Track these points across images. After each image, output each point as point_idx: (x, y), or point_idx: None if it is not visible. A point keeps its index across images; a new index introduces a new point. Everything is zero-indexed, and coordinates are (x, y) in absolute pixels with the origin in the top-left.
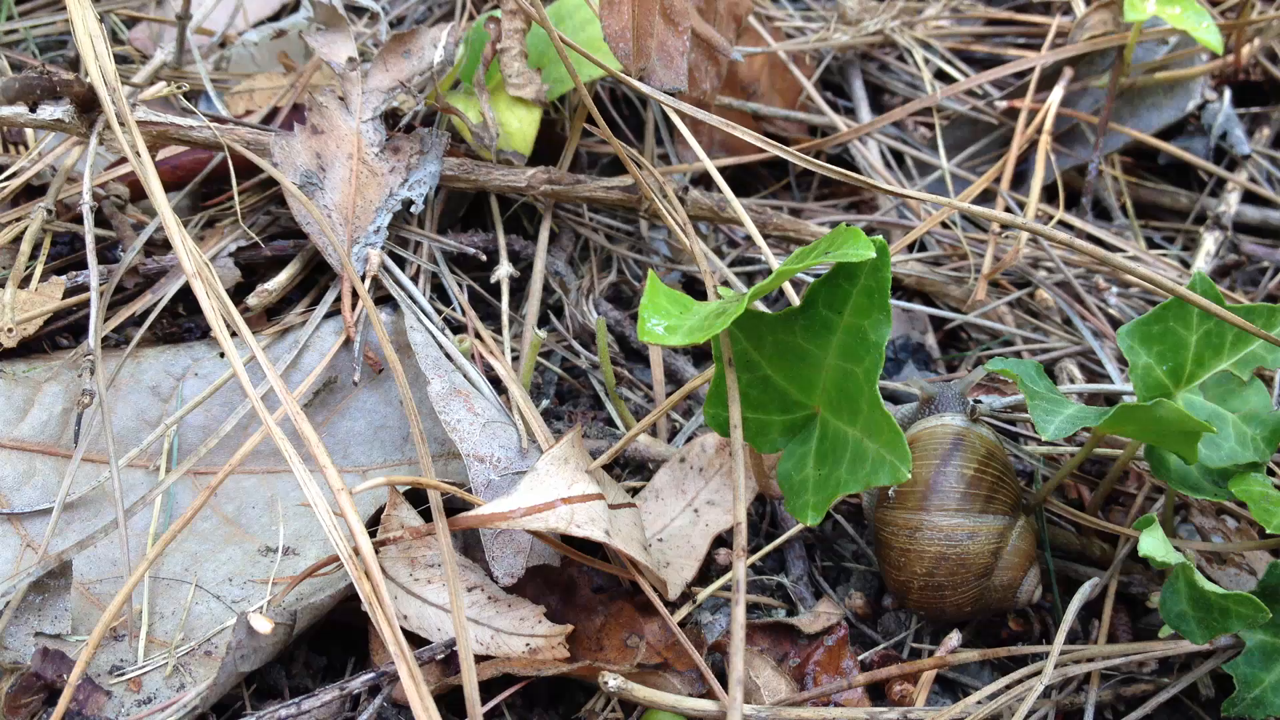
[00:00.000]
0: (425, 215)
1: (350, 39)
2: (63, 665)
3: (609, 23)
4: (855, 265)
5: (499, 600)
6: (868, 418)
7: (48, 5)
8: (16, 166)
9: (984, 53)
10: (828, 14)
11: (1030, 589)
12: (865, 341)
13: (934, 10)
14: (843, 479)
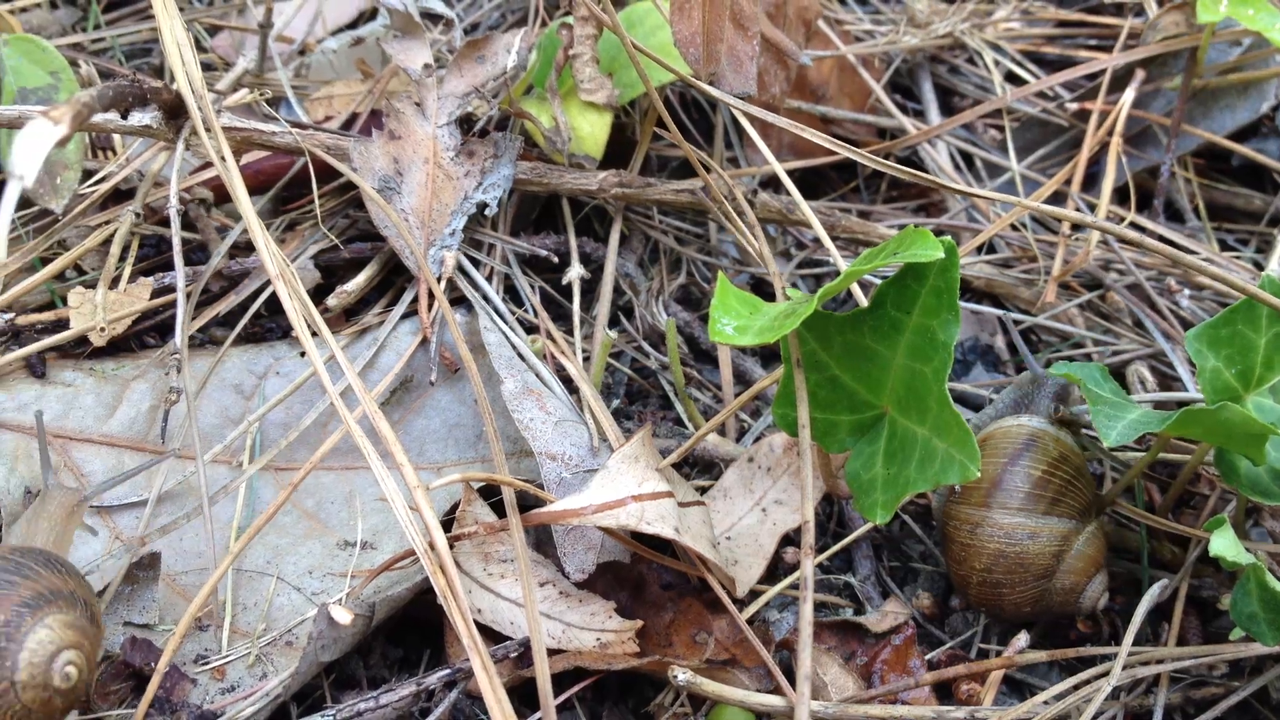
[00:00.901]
0: (498, 218)
1: (426, 46)
2: (150, 654)
3: (679, 28)
4: (924, 265)
5: (570, 595)
6: (937, 417)
7: (132, 14)
8: (105, 171)
9: (1055, 54)
10: (897, 17)
11: (1095, 595)
12: (934, 341)
13: (1004, 12)
14: (911, 478)
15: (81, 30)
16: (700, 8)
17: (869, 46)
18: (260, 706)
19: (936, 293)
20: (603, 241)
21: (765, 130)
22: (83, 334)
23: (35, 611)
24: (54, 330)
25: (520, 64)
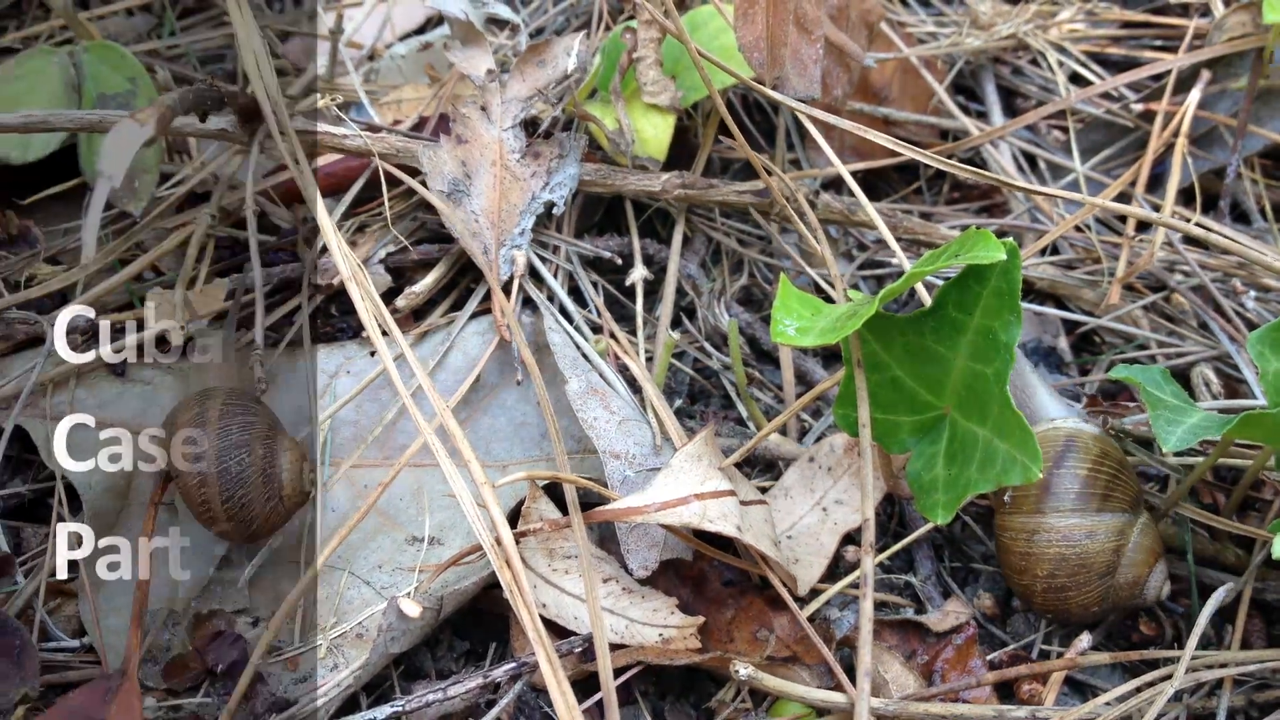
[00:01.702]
0: (562, 220)
1: (488, 52)
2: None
3: (743, 33)
4: (986, 267)
5: (633, 592)
6: (998, 418)
7: (206, 21)
8: (181, 175)
9: (1119, 55)
10: (960, 18)
11: (1158, 585)
12: (996, 343)
13: (1068, 13)
14: (973, 479)
15: (157, 37)
16: (764, 12)
17: (932, 48)
18: (332, 697)
19: (998, 294)
20: (665, 243)
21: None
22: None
23: (276, 439)
24: (134, 329)
25: (580, 67)
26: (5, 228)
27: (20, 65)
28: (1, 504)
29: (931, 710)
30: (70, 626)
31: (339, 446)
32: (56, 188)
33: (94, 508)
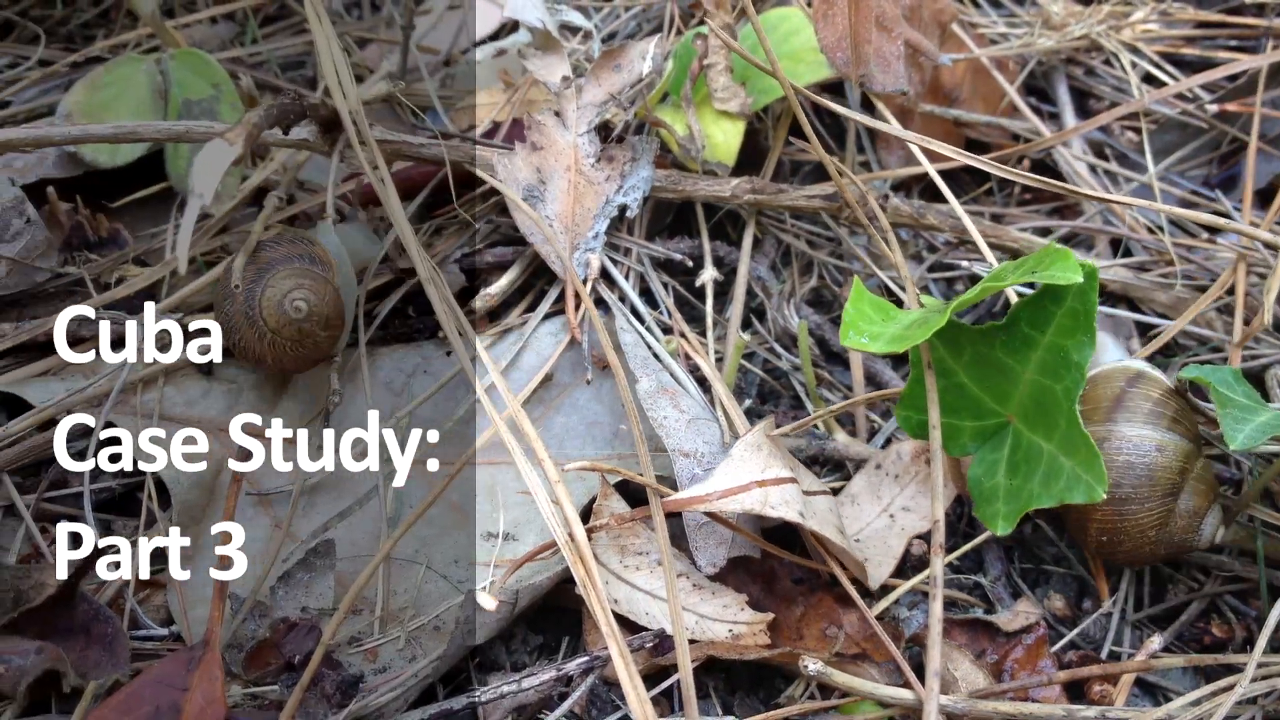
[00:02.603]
0: (634, 224)
1: (564, 59)
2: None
3: (825, 34)
4: (1063, 287)
5: (703, 588)
6: (1065, 434)
7: (287, 28)
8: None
9: (1194, 56)
10: (1032, 19)
11: (1214, 525)
12: (1067, 361)
13: (1142, 14)
14: (1035, 492)
15: (240, 44)
16: (845, 13)
17: (1003, 49)
18: (409, 687)
19: (1073, 315)
20: (735, 245)
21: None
22: None
23: (261, 281)
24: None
25: (655, 70)
26: (96, 230)
27: (110, 72)
28: (93, 498)
29: (1000, 708)
30: (159, 616)
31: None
32: (144, 191)
33: (182, 502)
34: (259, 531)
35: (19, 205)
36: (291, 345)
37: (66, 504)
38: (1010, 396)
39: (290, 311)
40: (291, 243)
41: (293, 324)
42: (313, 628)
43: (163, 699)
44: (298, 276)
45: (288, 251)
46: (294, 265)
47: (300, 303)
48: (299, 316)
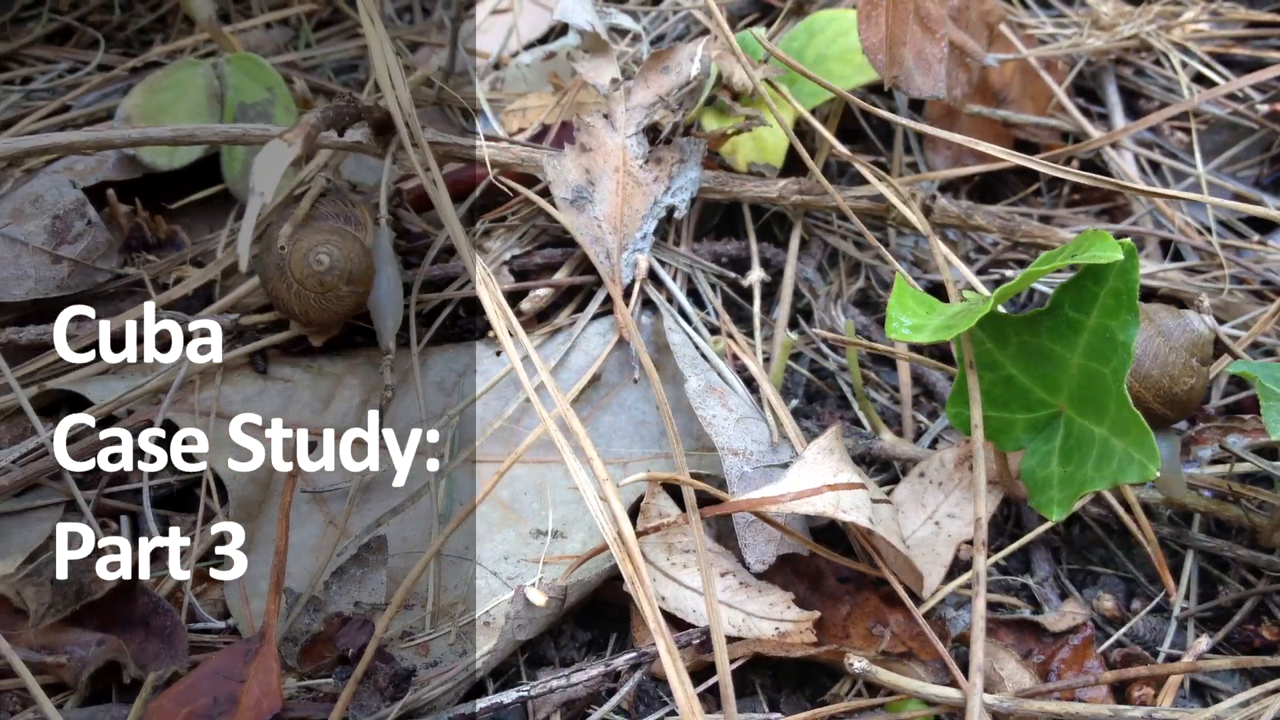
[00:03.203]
0: (682, 225)
1: (613, 62)
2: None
3: (867, 36)
4: (1103, 267)
5: (750, 586)
6: (1115, 416)
7: (340, 33)
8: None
9: (1245, 56)
10: (1081, 19)
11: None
12: (1113, 342)
13: (1192, 13)
14: (1089, 476)
15: (294, 49)
16: (886, 13)
17: (1052, 49)
18: (460, 680)
19: (1115, 294)
20: (782, 247)
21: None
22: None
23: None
24: (274, 330)
25: (703, 72)
26: (155, 232)
27: (168, 76)
28: (152, 494)
29: (1046, 708)
30: (216, 609)
31: (465, 442)
32: (201, 193)
33: (238, 497)
34: (313, 528)
35: (80, 207)
36: (315, 298)
37: (125, 499)
38: (1060, 385)
39: (313, 264)
40: (334, 201)
41: (315, 276)
42: (366, 622)
43: (220, 690)
44: (326, 233)
45: (326, 210)
46: (326, 222)
47: (323, 256)
48: (320, 269)
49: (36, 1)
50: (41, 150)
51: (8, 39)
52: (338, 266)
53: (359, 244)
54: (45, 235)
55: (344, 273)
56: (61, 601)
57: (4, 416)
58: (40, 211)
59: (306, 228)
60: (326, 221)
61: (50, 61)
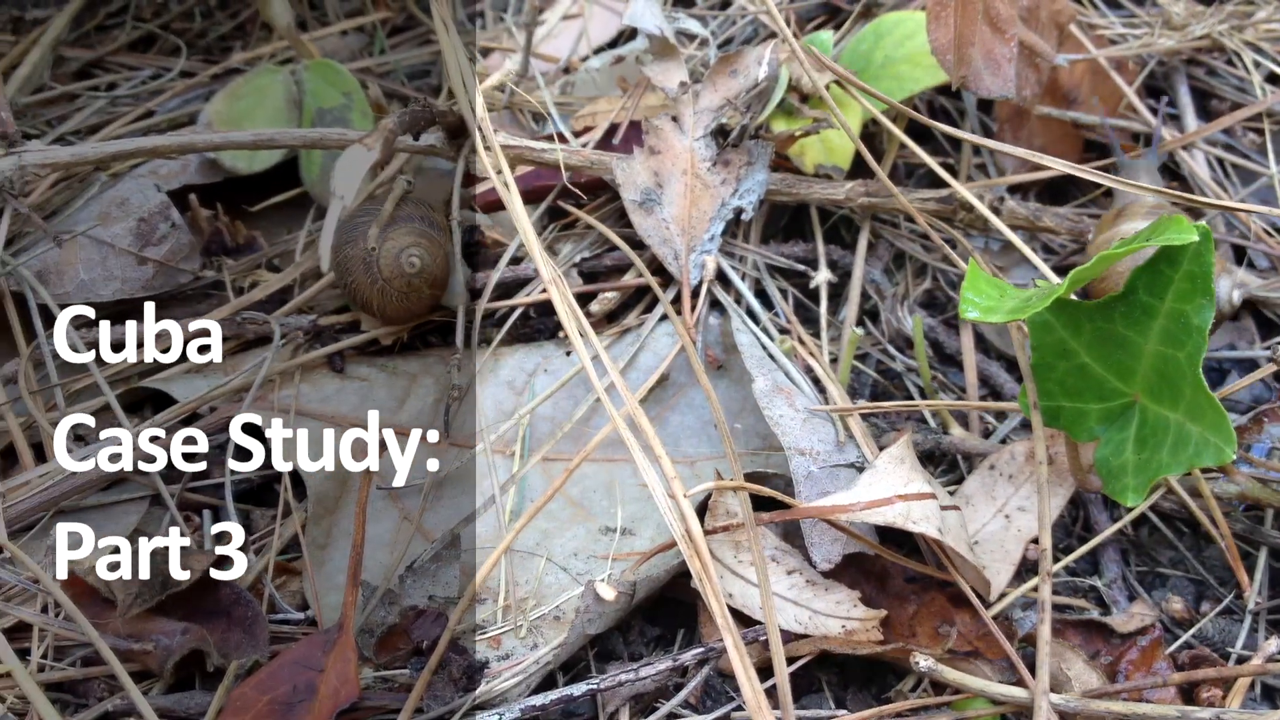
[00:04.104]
0: (749, 227)
1: (681, 66)
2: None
3: (935, 36)
4: (1177, 250)
5: (816, 584)
6: (1190, 401)
7: (413, 39)
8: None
9: None
10: (1152, 19)
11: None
12: (1188, 326)
13: (1265, 13)
14: (1164, 462)
15: (369, 55)
16: (954, 13)
17: (1123, 49)
18: (531, 673)
19: (1190, 278)
20: (849, 248)
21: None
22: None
23: (386, 233)
24: (350, 330)
25: (771, 75)
26: (234, 236)
27: (248, 83)
28: (233, 488)
29: (1113, 708)
30: (295, 601)
31: (536, 440)
32: (280, 196)
33: (316, 493)
34: (388, 523)
35: (165, 210)
36: (398, 296)
37: (207, 494)
38: (1134, 372)
39: (405, 265)
40: (415, 204)
41: (404, 277)
42: (440, 615)
43: (300, 679)
44: (417, 235)
45: (410, 212)
46: (414, 225)
47: (415, 259)
48: (412, 271)
49: (120, 9)
50: (128, 155)
51: (93, 46)
52: (427, 269)
53: (443, 250)
54: (131, 237)
55: (430, 276)
56: (148, 592)
57: (92, 414)
58: (126, 214)
59: (394, 227)
60: (413, 224)
61: (134, 68)
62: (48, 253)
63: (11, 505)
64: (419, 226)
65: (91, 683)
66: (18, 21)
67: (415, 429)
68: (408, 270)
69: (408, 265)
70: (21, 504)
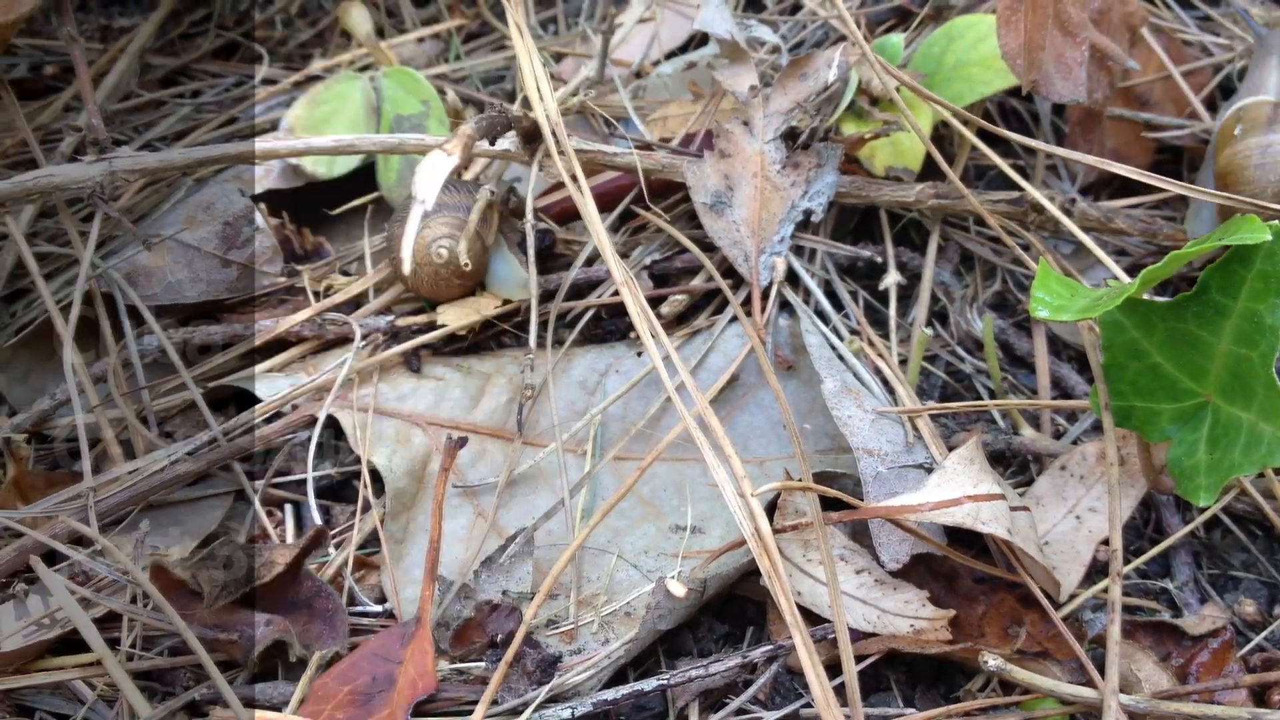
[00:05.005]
0: (819, 228)
1: (752, 70)
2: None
3: (1006, 41)
4: (1250, 250)
5: (885, 583)
6: (1264, 401)
7: (487, 45)
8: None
9: None
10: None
11: None
12: (1261, 325)
13: None
14: (1237, 461)
15: (444, 61)
16: (1025, 18)
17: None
18: (603, 668)
19: (1264, 277)
20: (919, 250)
21: (1088, 135)
22: (452, 333)
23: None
24: (427, 330)
25: (841, 78)
26: (302, 243)
27: (328, 90)
28: (314, 484)
29: (1183, 709)
30: (373, 594)
31: (608, 440)
32: (359, 200)
33: (394, 489)
34: (463, 519)
35: (248, 214)
36: (428, 281)
37: (290, 490)
38: (1206, 373)
39: (433, 255)
40: (462, 192)
41: (432, 265)
42: (514, 610)
43: (379, 670)
44: (451, 227)
45: (456, 200)
46: (455, 214)
47: (443, 249)
48: (439, 261)
49: (204, 18)
50: (213, 160)
51: (178, 54)
52: (453, 261)
53: (480, 241)
54: (216, 240)
55: (457, 268)
56: (233, 584)
57: (179, 411)
58: (212, 218)
59: (435, 215)
60: (455, 214)
61: (218, 75)
62: (136, 255)
63: (102, 500)
64: (459, 215)
65: (178, 671)
66: (105, 30)
67: (489, 427)
68: (435, 260)
69: (435, 255)
70: (112, 499)
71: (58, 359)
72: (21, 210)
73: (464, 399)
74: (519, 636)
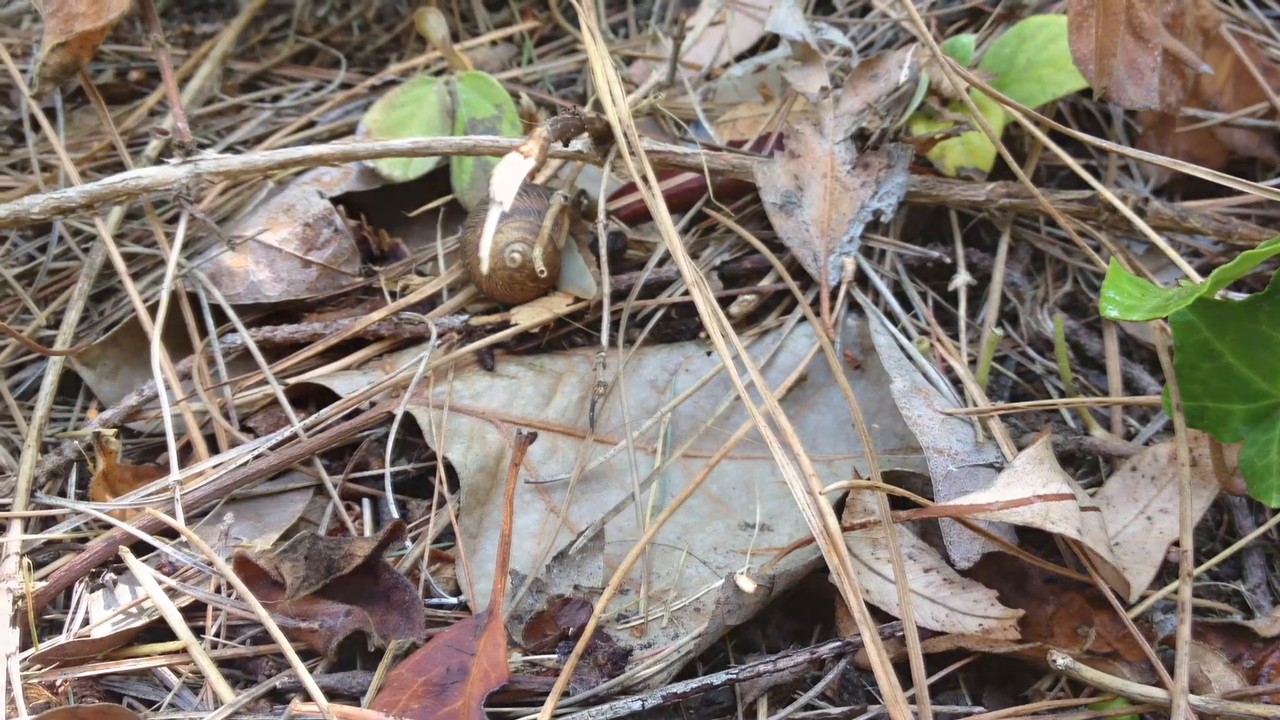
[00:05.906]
0: (889, 228)
1: (823, 71)
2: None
3: (1077, 45)
4: None
5: (954, 582)
6: None
7: (558, 49)
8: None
9: None
10: None
11: None
12: None
13: None
14: None
15: (517, 65)
16: (1097, 23)
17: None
18: (673, 661)
19: None
20: (989, 251)
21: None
22: (524, 331)
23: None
24: (500, 329)
25: (912, 79)
26: (379, 245)
27: (405, 93)
28: (391, 479)
29: (1254, 711)
30: (448, 586)
31: (677, 437)
32: (434, 203)
33: (469, 484)
34: (535, 515)
35: (328, 216)
36: (502, 284)
37: (368, 484)
38: (1278, 373)
39: (507, 259)
40: (532, 196)
41: (506, 270)
42: (585, 603)
43: (453, 661)
44: (525, 231)
45: (527, 204)
46: (527, 219)
47: (516, 253)
48: (513, 266)
49: (283, 24)
50: (294, 163)
51: (258, 59)
52: (527, 265)
53: (553, 245)
54: (296, 242)
55: (531, 272)
56: (314, 575)
57: (261, 407)
58: (292, 220)
59: (508, 219)
60: (527, 217)
61: (297, 80)
62: (220, 256)
63: (188, 493)
64: (531, 220)
65: (261, 660)
66: (188, 36)
67: (561, 425)
68: (509, 265)
69: (509, 260)
70: (197, 492)
71: (145, 356)
72: (109, 212)
73: (536, 396)
74: (590, 629)
